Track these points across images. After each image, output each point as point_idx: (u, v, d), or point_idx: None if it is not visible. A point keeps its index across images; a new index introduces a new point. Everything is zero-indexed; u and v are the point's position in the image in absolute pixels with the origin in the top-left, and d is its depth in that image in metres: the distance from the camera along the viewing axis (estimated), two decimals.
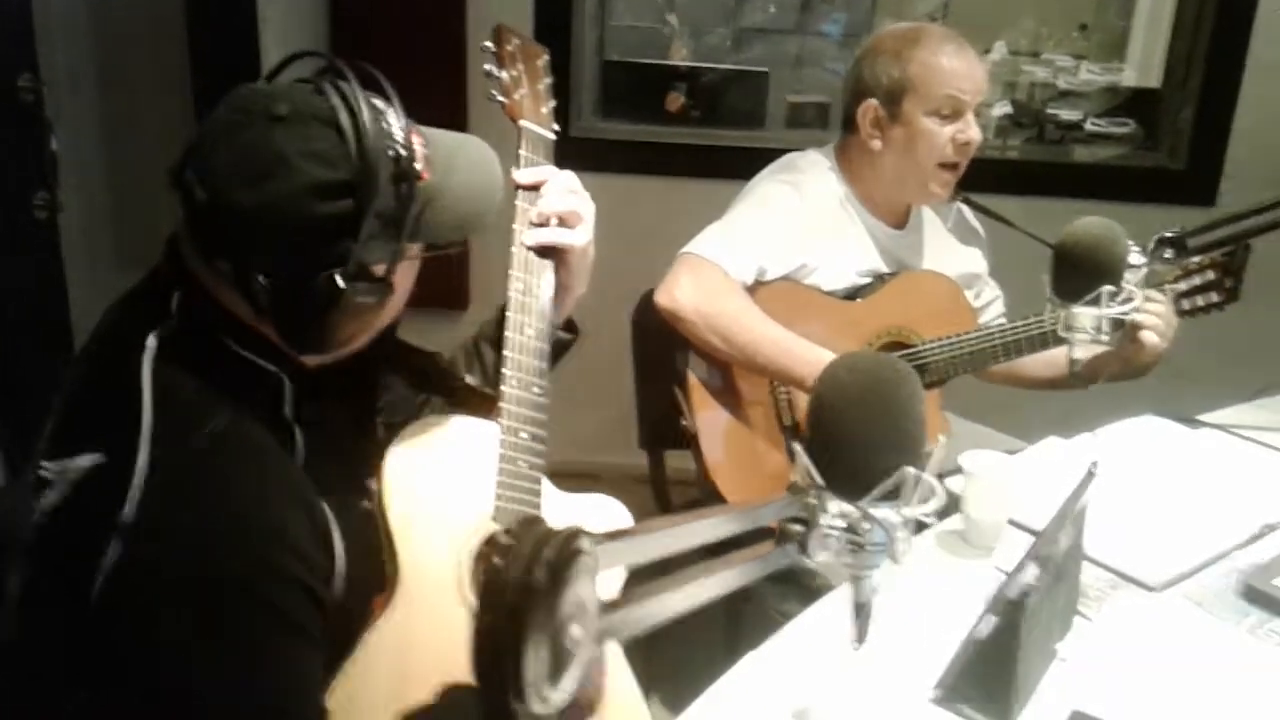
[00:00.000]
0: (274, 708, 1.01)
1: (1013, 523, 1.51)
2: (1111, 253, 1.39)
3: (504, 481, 1.22)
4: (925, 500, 0.83)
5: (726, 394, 1.89)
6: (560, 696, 0.51)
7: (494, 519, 1.21)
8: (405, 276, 1.14)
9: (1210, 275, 1.79)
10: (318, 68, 1.11)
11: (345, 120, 1.03)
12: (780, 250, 1.84)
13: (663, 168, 3.07)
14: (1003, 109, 3.26)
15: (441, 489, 1.23)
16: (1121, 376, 1.81)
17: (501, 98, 1.35)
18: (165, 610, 0.97)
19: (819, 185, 1.92)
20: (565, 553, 0.49)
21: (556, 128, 1.38)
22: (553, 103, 1.39)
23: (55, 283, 2.11)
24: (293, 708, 1.03)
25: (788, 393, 1.89)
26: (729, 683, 1.21)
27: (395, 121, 1.08)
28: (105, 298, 1.15)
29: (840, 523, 0.82)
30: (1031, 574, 1.16)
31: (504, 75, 1.35)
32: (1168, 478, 1.71)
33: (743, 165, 2.02)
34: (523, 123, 1.34)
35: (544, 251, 1.30)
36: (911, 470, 0.81)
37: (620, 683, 1.31)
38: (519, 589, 0.47)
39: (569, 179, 1.33)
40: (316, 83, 1.07)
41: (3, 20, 1.90)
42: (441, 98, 2.82)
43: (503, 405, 1.23)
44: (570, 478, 1.33)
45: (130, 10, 2.84)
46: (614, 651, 1.31)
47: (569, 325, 1.40)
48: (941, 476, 0.87)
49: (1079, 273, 1.40)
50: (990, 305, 2.14)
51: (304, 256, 1.03)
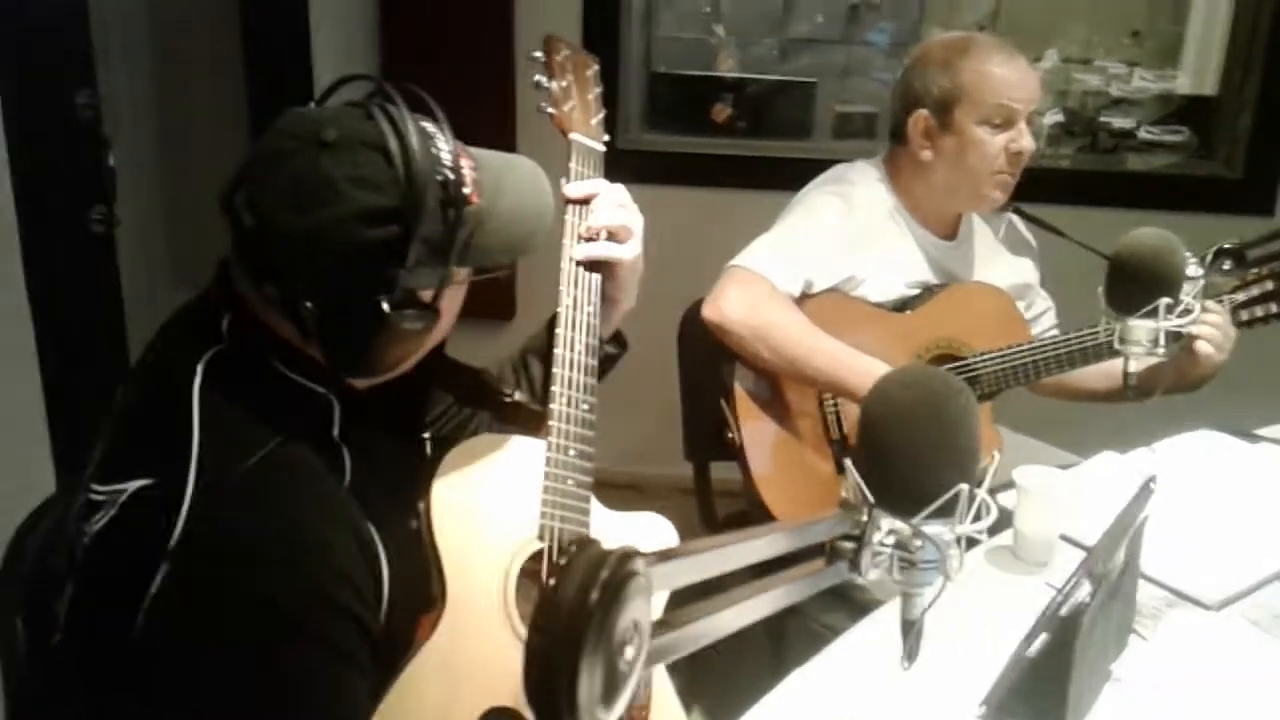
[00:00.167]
0: None
1: (1065, 538, 1.49)
2: (1169, 264, 1.37)
3: (550, 500, 1.21)
4: (979, 517, 0.82)
5: (773, 406, 1.88)
6: (612, 718, 0.50)
7: (540, 538, 1.21)
8: (453, 301, 1.13)
9: (1269, 285, 1.75)
10: (367, 91, 1.10)
11: (394, 145, 1.02)
12: (828, 262, 1.83)
13: (709, 179, 3.07)
14: (1054, 118, 3.22)
15: (489, 509, 1.23)
16: (1177, 389, 1.78)
17: (551, 109, 1.34)
18: (211, 637, 0.97)
19: (868, 196, 1.91)
20: (620, 574, 0.49)
21: (607, 138, 1.37)
22: (603, 113, 1.39)
23: (112, 296, 2.14)
24: None
25: (836, 405, 1.88)
26: (776, 699, 1.20)
27: (444, 145, 1.07)
28: (160, 311, 1.17)
29: (891, 540, 0.81)
30: (1085, 591, 1.14)
31: (554, 86, 1.34)
32: (1225, 493, 1.68)
33: (790, 176, 2.01)
34: (573, 136, 1.34)
35: (593, 266, 1.29)
36: (966, 487, 0.80)
37: (661, 696, 1.31)
38: (574, 611, 0.47)
39: (619, 193, 1.32)
40: (366, 106, 1.07)
41: (62, 38, 1.94)
42: (490, 114, 2.85)
43: (551, 423, 1.23)
44: (614, 489, 1.33)
45: (187, 29, 2.90)
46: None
47: (617, 338, 1.40)
48: (993, 491, 0.85)
49: (1135, 284, 1.37)
50: (1042, 316, 2.12)
51: (350, 283, 1.03)
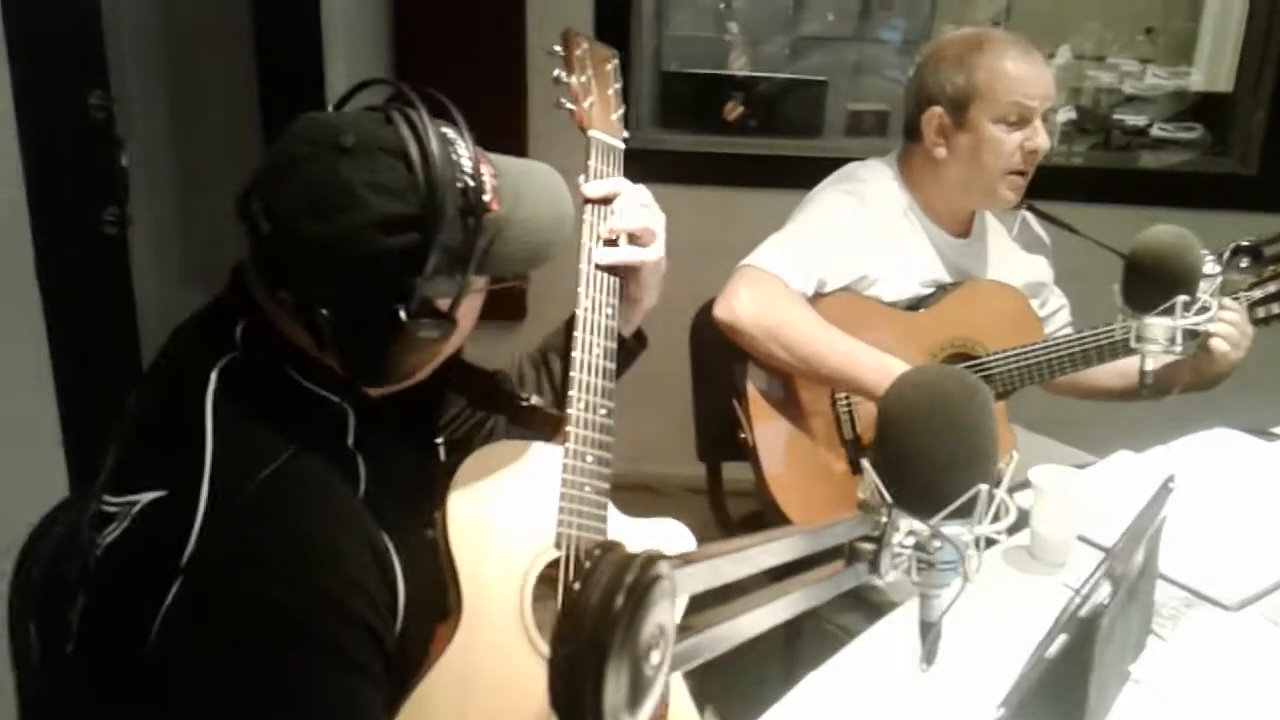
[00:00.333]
0: None
1: (1082, 538, 1.48)
2: (1185, 262, 1.36)
3: (568, 507, 1.20)
4: (997, 518, 0.81)
5: (786, 405, 1.88)
6: None
7: (557, 546, 1.20)
8: (470, 309, 1.12)
9: None
10: (387, 95, 1.08)
11: (413, 151, 1.00)
12: (841, 261, 1.82)
13: (721, 178, 3.06)
14: (1067, 115, 3.21)
15: (505, 518, 1.22)
16: (1193, 388, 1.77)
17: (570, 105, 1.31)
18: (225, 649, 0.96)
19: (881, 194, 1.90)
20: (646, 578, 0.49)
21: (626, 135, 1.34)
22: (622, 109, 1.36)
23: (124, 297, 2.15)
24: None
25: (849, 404, 1.87)
26: (794, 701, 1.20)
27: (464, 151, 1.05)
28: (172, 313, 1.16)
29: (910, 541, 0.80)
30: (1105, 592, 1.13)
31: (573, 80, 1.31)
32: (1242, 492, 1.67)
33: (801, 174, 2.01)
34: (592, 133, 1.31)
35: (614, 269, 1.27)
36: (985, 487, 0.80)
37: (677, 698, 1.31)
38: (599, 616, 0.47)
39: (640, 193, 1.30)
40: (385, 111, 1.04)
41: (74, 39, 1.94)
42: (502, 113, 2.85)
43: (569, 428, 1.21)
44: (626, 489, 1.31)
45: (199, 29, 2.90)
46: None
47: (638, 335, 1.39)
48: (1010, 491, 0.85)
49: (1152, 282, 1.37)
50: (1056, 314, 2.11)
51: (367, 291, 1.01)
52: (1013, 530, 1.45)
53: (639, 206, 1.28)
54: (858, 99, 3.25)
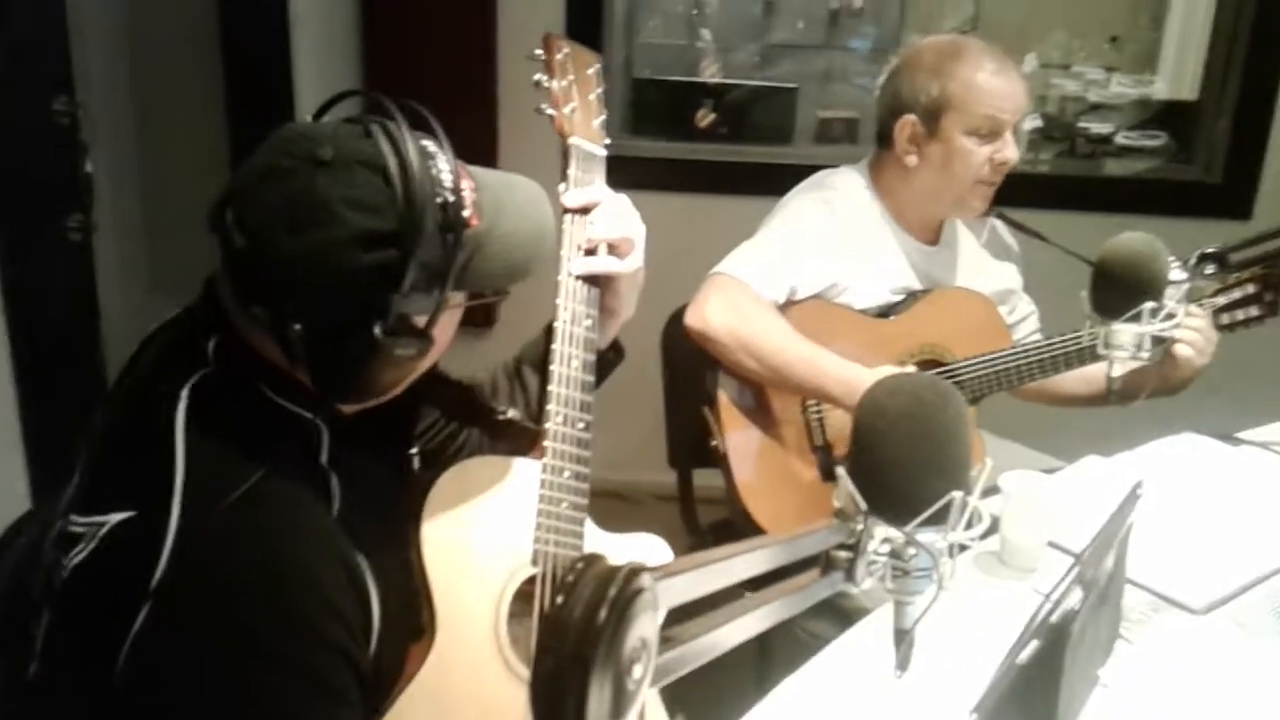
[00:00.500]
0: None
1: (1052, 544, 1.49)
2: (1152, 269, 1.37)
3: (545, 523, 1.19)
4: (970, 524, 0.82)
5: (757, 413, 1.88)
6: None
7: (533, 562, 1.19)
8: (447, 325, 1.10)
9: (1250, 289, 1.76)
10: (365, 106, 1.06)
11: (393, 165, 0.98)
12: (812, 269, 1.83)
13: (692, 185, 3.07)
14: (1033, 123, 3.24)
15: (481, 535, 1.20)
16: (1159, 393, 1.78)
17: (551, 111, 1.28)
18: (196, 675, 0.95)
19: (852, 202, 1.91)
20: (628, 590, 0.48)
21: (608, 142, 1.32)
22: (604, 115, 1.33)
23: (89, 305, 2.12)
24: None
25: (819, 412, 1.88)
26: (767, 708, 1.20)
27: (444, 165, 1.03)
28: (138, 319, 1.14)
29: (885, 548, 0.80)
30: (1075, 598, 1.14)
31: (553, 85, 1.28)
32: (1209, 497, 1.68)
33: (772, 181, 2.01)
34: (573, 140, 1.28)
35: (592, 279, 1.25)
36: (959, 494, 0.80)
37: (648, 703, 1.30)
38: (583, 630, 0.46)
39: (620, 202, 1.27)
40: (364, 123, 1.02)
41: (39, 43, 1.92)
42: (474, 121, 2.84)
43: (547, 443, 1.19)
44: (597, 496, 1.29)
45: (166, 34, 2.87)
46: None
47: (614, 346, 1.37)
48: (980, 497, 0.85)
49: (1120, 289, 1.38)
50: (1025, 321, 2.12)
51: (343, 307, 0.99)
52: (982, 536, 1.46)
53: (617, 217, 1.26)
54: (827, 106, 3.27)
